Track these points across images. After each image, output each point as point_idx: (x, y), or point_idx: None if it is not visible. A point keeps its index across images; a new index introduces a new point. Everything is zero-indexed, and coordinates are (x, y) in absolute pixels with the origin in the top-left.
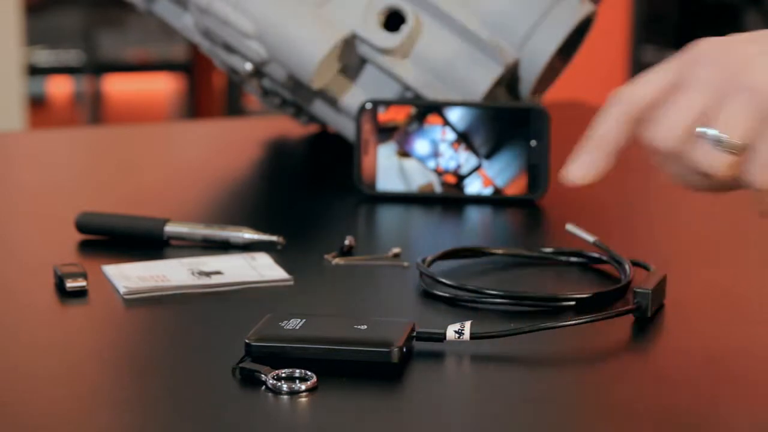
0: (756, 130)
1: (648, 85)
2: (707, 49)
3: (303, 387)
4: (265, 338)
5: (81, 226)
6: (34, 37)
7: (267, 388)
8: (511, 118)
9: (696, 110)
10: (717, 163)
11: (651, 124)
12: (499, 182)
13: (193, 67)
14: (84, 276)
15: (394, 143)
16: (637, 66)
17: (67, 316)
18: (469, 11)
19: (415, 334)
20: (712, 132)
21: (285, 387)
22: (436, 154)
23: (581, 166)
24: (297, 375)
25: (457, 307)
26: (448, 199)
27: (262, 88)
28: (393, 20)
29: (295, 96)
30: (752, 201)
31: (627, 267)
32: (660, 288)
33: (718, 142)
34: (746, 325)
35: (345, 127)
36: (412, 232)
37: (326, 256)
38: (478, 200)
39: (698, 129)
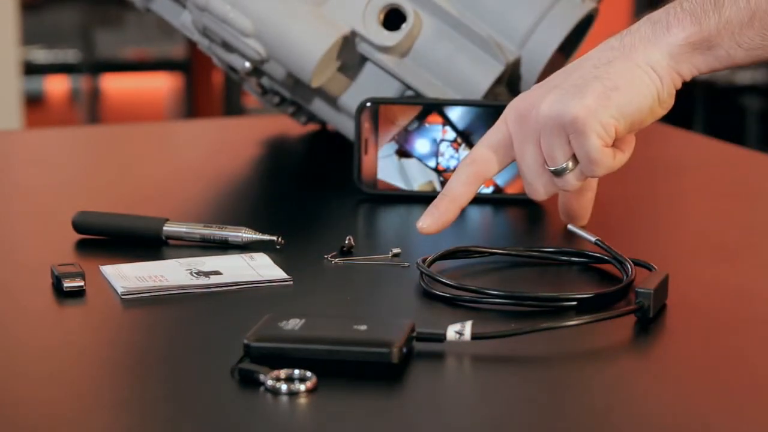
0: (569, 146)
1: (487, 148)
2: (514, 107)
3: (302, 387)
4: (264, 338)
5: (78, 226)
6: (31, 35)
7: (266, 388)
8: None
9: (534, 160)
10: (566, 184)
11: (524, 183)
12: (500, 181)
13: (191, 65)
14: (81, 276)
15: (393, 142)
16: None
17: (64, 317)
18: (469, 9)
19: (415, 334)
20: (552, 168)
21: (284, 387)
22: (436, 153)
23: (432, 218)
24: (296, 375)
25: (457, 307)
26: None
27: (261, 87)
28: (393, 18)
29: (295, 94)
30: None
31: (629, 266)
32: (662, 288)
33: (557, 173)
34: (749, 325)
35: (344, 125)
36: (412, 232)
37: (326, 256)
38: (478, 199)
39: (550, 169)
